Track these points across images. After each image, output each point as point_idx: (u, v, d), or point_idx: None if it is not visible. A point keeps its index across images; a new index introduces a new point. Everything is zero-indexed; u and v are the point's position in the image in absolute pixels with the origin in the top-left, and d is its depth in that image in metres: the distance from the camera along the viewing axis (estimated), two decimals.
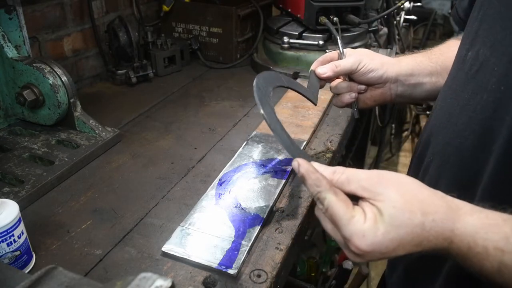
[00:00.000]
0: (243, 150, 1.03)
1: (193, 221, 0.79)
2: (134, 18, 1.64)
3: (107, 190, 0.91)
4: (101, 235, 0.79)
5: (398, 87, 0.85)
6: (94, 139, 1.05)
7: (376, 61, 0.84)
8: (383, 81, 0.84)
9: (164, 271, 0.70)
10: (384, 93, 0.86)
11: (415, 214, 0.49)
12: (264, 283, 0.68)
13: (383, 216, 0.49)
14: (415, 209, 0.49)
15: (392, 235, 0.49)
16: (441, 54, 0.87)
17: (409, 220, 0.49)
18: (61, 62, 1.33)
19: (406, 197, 0.50)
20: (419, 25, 3.58)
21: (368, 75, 0.84)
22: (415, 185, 0.52)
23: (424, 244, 0.50)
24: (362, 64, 0.83)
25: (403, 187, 0.52)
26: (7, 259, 0.66)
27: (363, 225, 0.49)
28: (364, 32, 1.56)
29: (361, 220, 0.50)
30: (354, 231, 0.50)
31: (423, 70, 0.84)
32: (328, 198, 0.52)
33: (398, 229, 0.48)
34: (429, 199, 0.51)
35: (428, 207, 0.49)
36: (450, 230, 0.49)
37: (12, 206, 0.67)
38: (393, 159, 3.32)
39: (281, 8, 1.73)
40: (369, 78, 0.84)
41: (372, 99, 0.88)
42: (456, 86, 0.68)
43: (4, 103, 1.10)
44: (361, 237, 0.49)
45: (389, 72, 0.84)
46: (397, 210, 0.49)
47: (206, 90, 1.43)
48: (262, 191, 0.88)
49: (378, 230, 0.49)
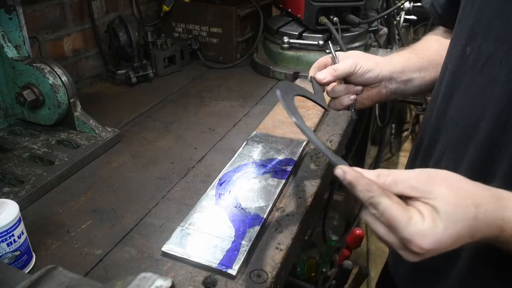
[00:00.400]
0: (243, 150, 1.03)
1: (193, 221, 0.79)
2: (134, 18, 1.64)
3: (107, 190, 0.91)
4: (101, 235, 0.79)
5: (392, 85, 0.87)
6: (94, 139, 1.05)
7: (371, 62, 0.86)
8: (379, 80, 0.86)
9: (164, 271, 0.70)
10: (380, 91, 0.88)
11: (469, 207, 0.50)
12: (264, 283, 0.68)
13: (439, 214, 0.50)
14: (467, 202, 0.50)
15: (451, 231, 0.49)
16: (425, 50, 0.90)
17: (465, 214, 0.50)
18: (61, 62, 1.33)
19: (457, 192, 0.51)
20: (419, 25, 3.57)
21: (366, 75, 0.85)
22: (461, 179, 0.53)
23: (477, 235, 0.51)
24: (359, 66, 0.84)
25: (452, 182, 0.53)
26: (7, 259, 0.66)
27: (422, 225, 0.49)
28: (364, 32, 1.56)
29: (420, 220, 0.50)
30: (414, 232, 0.49)
31: (412, 66, 0.87)
32: (383, 203, 0.51)
33: (456, 224, 0.49)
34: (477, 191, 0.52)
35: (478, 198, 0.51)
36: (501, 219, 0.51)
37: (12, 206, 0.67)
38: (393, 159, 3.32)
39: (281, 8, 1.73)
40: (366, 78, 0.86)
41: (369, 99, 0.89)
42: (462, 81, 0.69)
43: (4, 103, 1.10)
44: (422, 236, 0.49)
45: (383, 71, 0.86)
46: (451, 206, 0.50)
47: (206, 90, 1.43)
48: (262, 191, 0.88)
49: (438, 227, 0.49)
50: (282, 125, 1.14)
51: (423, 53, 0.89)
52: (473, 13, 0.67)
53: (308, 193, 0.90)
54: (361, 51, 1.50)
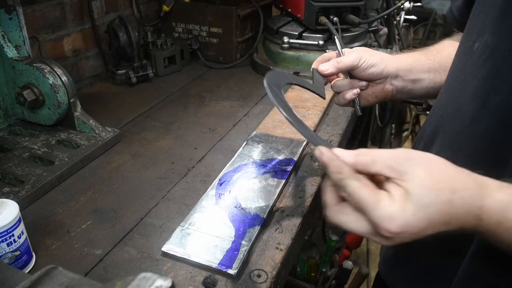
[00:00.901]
0: (243, 150, 1.03)
1: (193, 221, 0.79)
2: (134, 18, 1.64)
3: (107, 190, 0.91)
4: (101, 235, 0.79)
5: (399, 82, 0.86)
6: (94, 139, 1.05)
7: (376, 56, 0.85)
8: (384, 76, 0.85)
9: (164, 271, 0.70)
10: (385, 88, 0.87)
11: (443, 191, 0.48)
12: (264, 283, 0.68)
13: (411, 196, 0.48)
14: (443, 186, 0.49)
15: (421, 215, 0.48)
16: (437, 52, 0.88)
17: (438, 198, 0.48)
18: (61, 62, 1.33)
19: (434, 175, 0.49)
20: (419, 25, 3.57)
21: (369, 70, 0.84)
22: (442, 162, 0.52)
23: (452, 222, 0.49)
24: (363, 60, 0.84)
25: (430, 164, 0.51)
26: (7, 259, 0.66)
27: (391, 207, 0.48)
28: (364, 32, 1.56)
29: (388, 203, 0.49)
30: (382, 214, 0.48)
31: (421, 67, 0.86)
32: (351, 185, 0.51)
33: (427, 208, 0.48)
34: (457, 176, 0.50)
35: (456, 184, 0.49)
36: (478, 207, 0.48)
37: (12, 206, 0.67)
38: None
39: (281, 8, 1.73)
40: (370, 73, 0.85)
41: (373, 96, 0.88)
42: (465, 75, 0.68)
43: (4, 103, 1.10)
44: (390, 219, 0.48)
45: (389, 66, 0.85)
46: (424, 188, 0.48)
47: (206, 90, 1.43)
48: (262, 191, 0.88)
49: (406, 211, 0.48)
50: (282, 125, 1.14)
51: (434, 55, 0.88)
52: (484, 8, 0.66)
53: (308, 193, 0.90)
54: None
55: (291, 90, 1.36)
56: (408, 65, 0.86)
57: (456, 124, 0.68)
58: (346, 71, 0.87)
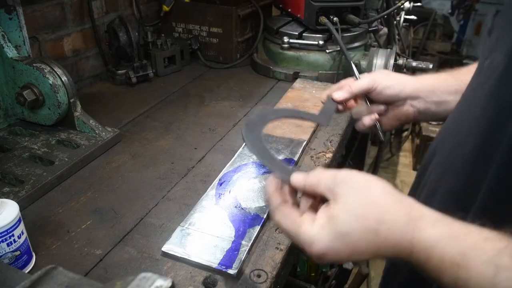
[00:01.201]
0: (243, 150, 1.03)
1: (193, 221, 0.79)
2: (134, 18, 1.64)
3: (107, 190, 0.91)
4: (101, 235, 0.79)
5: (420, 104, 0.82)
6: (94, 139, 1.05)
7: (392, 78, 0.82)
8: (403, 98, 0.82)
9: (164, 271, 0.70)
10: (406, 111, 0.83)
11: (368, 221, 0.48)
12: (264, 283, 0.68)
13: (334, 221, 0.50)
14: (370, 216, 0.49)
15: (341, 240, 0.49)
16: (465, 74, 0.82)
17: (362, 227, 0.48)
18: (61, 62, 1.33)
19: (365, 202, 0.50)
20: (419, 25, 3.58)
21: (385, 92, 0.82)
22: (379, 190, 0.51)
23: (382, 251, 0.49)
24: (377, 82, 0.81)
25: (366, 191, 0.51)
26: (7, 259, 0.66)
27: (310, 232, 0.51)
28: (364, 32, 1.56)
29: (309, 227, 0.51)
30: (302, 241, 0.51)
31: (447, 88, 0.81)
32: (275, 216, 0.54)
33: (348, 235, 0.49)
34: (390, 207, 0.49)
35: (385, 215, 0.49)
36: (408, 241, 0.48)
37: (12, 206, 0.67)
38: (393, 159, 3.32)
39: (281, 8, 1.73)
40: (387, 95, 0.82)
41: (395, 119, 0.85)
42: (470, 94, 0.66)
43: (4, 103, 1.10)
44: (310, 244, 0.50)
45: (407, 88, 0.82)
46: (349, 215, 0.49)
47: (206, 90, 1.43)
48: (262, 191, 0.88)
49: (324, 236, 0.50)
50: (282, 125, 1.14)
51: (462, 76, 0.81)
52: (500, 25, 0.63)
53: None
54: (361, 51, 1.51)
55: (291, 90, 1.36)
56: (429, 85, 0.82)
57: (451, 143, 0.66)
58: (363, 97, 0.84)
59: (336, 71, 1.45)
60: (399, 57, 1.44)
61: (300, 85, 1.40)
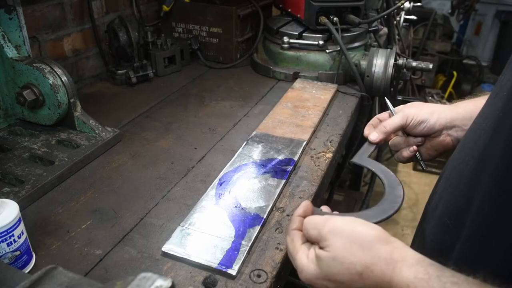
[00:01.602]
0: (243, 150, 1.03)
1: (193, 221, 0.79)
2: (134, 18, 1.64)
3: (107, 190, 0.91)
4: (101, 235, 0.78)
5: (457, 133, 0.82)
6: (94, 139, 1.05)
7: (425, 111, 0.82)
8: (438, 129, 0.82)
9: (164, 271, 0.70)
10: (443, 141, 0.83)
11: (354, 265, 0.55)
12: (264, 283, 0.68)
13: (321, 263, 0.57)
14: (355, 260, 0.55)
15: (327, 278, 0.56)
16: None
17: (347, 270, 0.55)
18: (61, 62, 1.33)
19: (351, 248, 0.56)
20: (419, 25, 3.57)
21: (420, 126, 0.82)
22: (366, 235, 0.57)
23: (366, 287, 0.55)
24: (410, 118, 0.82)
25: (352, 237, 0.56)
26: (7, 259, 0.66)
27: (302, 261, 0.59)
28: (364, 32, 1.56)
29: (302, 257, 0.59)
30: (295, 265, 0.60)
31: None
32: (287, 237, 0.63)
33: (333, 276, 0.56)
34: (374, 251, 0.55)
35: (369, 259, 0.54)
36: (387, 281, 0.53)
37: (12, 206, 0.67)
38: (393, 159, 3.31)
39: (281, 8, 1.73)
40: (422, 129, 0.82)
41: (433, 149, 0.85)
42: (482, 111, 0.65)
43: (4, 103, 1.10)
44: (300, 271, 0.59)
45: (441, 119, 0.82)
46: (336, 261, 0.56)
47: (206, 90, 1.43)
48: (262, 191, 0.88)
49: (311, 269, 0.58)
50: (282, 125, 1.14)
51: None
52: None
53: (308, 193, 0.91)
54: (361, 51, 1.51)
55: (291, 90, 1.36)
56: (467, 113, 0.80)
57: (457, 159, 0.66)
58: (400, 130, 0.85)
59: (336, 71, 1.45)
60: (399, 57, 1.44)
61: (300, 85, 1.40)
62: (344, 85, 1.46)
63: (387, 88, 1.36)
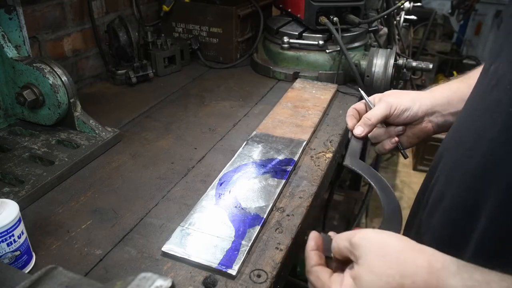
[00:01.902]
0: (243, 150, 1.03)
1: (193, 221, 0.79)
2: (134, 18, 1.64)
3: (107, 190, 0.91)
4: (101, 235, 0.79)
5: (438, 118, 0.82)
6: (94, 139, 1.05)
7: (406, 99, 0.82)
8: (420, 116, 0.82)
9: (164, 271, 0.70)
10: (424, 127, 0.83)
11: (393, 277, 0.50)
12: (264, 283, 0.68)
13: (358, 281, 0.52)
14: (393, 272, 0.51)
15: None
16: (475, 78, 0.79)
17: (387, 283, 0.50)
18: (61, 62, 1.33)
19: (385, 260, 0.52)
20: (419, 25, 3.58)
21: (403, 115, 0.82)
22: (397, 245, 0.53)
23: None
24: (394, 107, 0.81)
25: (384, 248, 0.53)
26: (7, 259, 0.66)
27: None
28: (364, 32, 1.56)
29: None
30: None
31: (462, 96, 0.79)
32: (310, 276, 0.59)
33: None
34: (411, 260, 0.51)
35: (407, 268, 0.51)
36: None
37: (12, 206, 0.67)
38: (393, 159, 3.32)
39: (281, 8, 1.73)
40: (405, 118, 0.82)
41: (415, 137, 0.85)
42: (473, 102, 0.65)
43: (4, 103, 1.10)
44: None
45: (423, 106, 0.81)
46: (374, 275, 0.51)
47: (206, 90, 1.43)
48: (262, 191, 0.88)
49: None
50: (282, 125, 1.14)
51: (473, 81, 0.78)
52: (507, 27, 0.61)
53: (308, 193, 0.91)
54: (361, 51, 1.51)
55: (291, 90, 1.36)
56: (444, 98, 0.81)
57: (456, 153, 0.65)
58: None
59: (336, 71, 1.45)
60: (399, 57, 1.44)
61: (300, 85, 1.40)
62: (344, 85, 1.46)
63: (387, 88, 1.36)
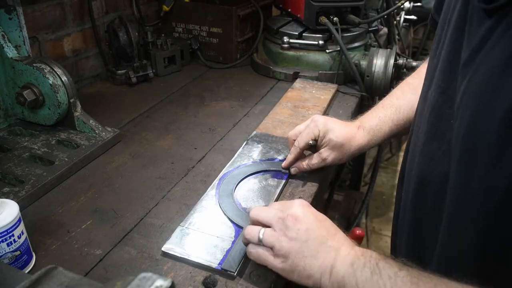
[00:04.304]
0: (243, 150, 1.03)
1: (193, 221, 0.79)
2: (134, 18, 1.64)
3: (107, 190, 0.91)
4: (101, 235, 0.79)
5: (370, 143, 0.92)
6: (94, 139, 1.05)
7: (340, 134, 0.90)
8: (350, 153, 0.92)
9: (164, 271, 0.70)
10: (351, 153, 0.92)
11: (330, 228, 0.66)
12: (264, 283, 0.68)
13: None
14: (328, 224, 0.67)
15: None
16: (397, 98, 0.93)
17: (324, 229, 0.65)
18: (61, 62, 1.33)
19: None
20: (419, 25, 3.57)
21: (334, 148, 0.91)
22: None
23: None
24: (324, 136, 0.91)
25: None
26: (7, 259, 0.66)
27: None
28: (364, 32, 1.56)
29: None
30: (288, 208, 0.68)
31: (387, 122, 0.91)
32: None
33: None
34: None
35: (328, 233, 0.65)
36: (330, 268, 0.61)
37: (12, 206, 0.67)
38: (393, 159, 3.31)
39: (281, 8, 1.73)
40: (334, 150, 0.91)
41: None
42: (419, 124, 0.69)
43: (4, 103, 1.10)
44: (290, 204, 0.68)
45: (353, 147, 0.91)
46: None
47: (206, 90, 1.43)
48: (262, 191, 0.88)
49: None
50: (282, 125, 1.14)
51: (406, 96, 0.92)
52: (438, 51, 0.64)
53: (308, 193, 0.90)
54: (361, 51, 1.51)
55: (291, 90, 1.36)
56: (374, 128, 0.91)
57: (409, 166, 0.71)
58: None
59: (336, 71, 1.45)
60: (399, 57, 1.44)
61: (300, 85, 1.40)
62: (344, 85, 1.46)
63: (387, 88, 1.36)
